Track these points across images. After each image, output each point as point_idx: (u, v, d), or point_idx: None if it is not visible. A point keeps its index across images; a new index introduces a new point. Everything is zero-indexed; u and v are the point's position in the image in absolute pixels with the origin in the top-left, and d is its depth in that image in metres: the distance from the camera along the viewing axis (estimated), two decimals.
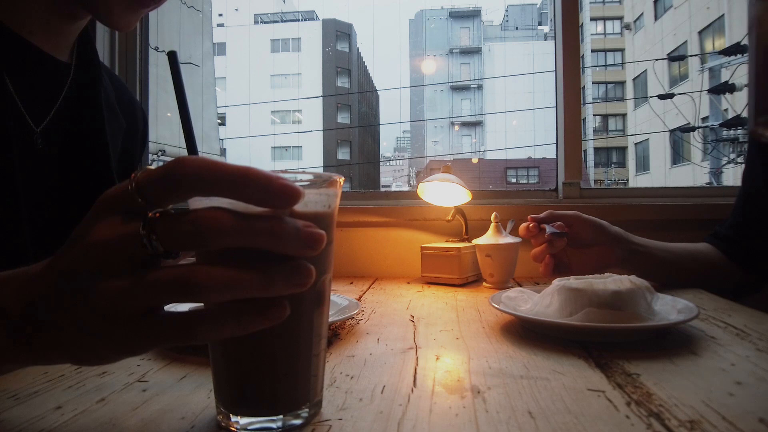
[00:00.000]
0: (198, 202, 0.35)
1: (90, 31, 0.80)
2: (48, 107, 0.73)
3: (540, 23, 34.77)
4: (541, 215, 0.94)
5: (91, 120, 0.77)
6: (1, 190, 0.61)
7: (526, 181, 27.40)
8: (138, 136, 0.94)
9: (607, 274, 0.68)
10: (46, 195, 0.71)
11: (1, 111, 0.63)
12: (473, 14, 35.03)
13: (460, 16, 35.15)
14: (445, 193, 1.24)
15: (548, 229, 0.90)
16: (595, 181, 25.09)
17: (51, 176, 0.72)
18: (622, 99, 24.93)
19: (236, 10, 30.30)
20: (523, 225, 0.94)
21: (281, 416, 0.37)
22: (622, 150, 25.43)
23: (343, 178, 0.40)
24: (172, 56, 0.55)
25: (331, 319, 0.62)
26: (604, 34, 26.27)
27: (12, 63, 0.66)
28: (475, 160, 29.70)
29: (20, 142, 0.66)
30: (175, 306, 0.72)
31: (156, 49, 1.59)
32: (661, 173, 18.64)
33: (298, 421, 0.37)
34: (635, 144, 22.02)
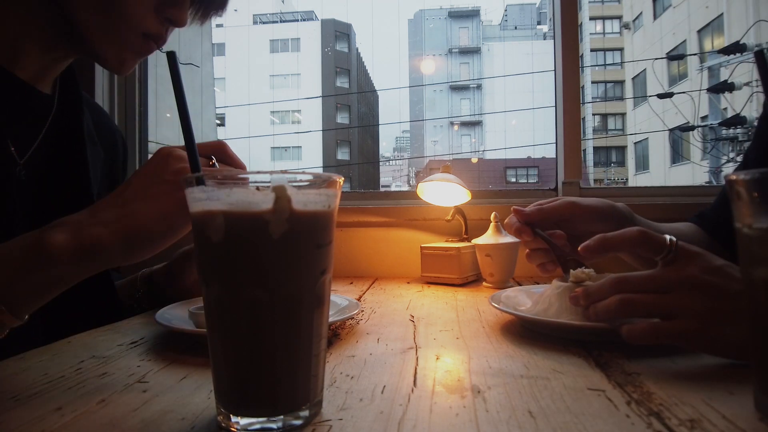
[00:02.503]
0: (196, 205, 0.37)
1: (73, 64, 0.80)
2: (31, 139, 0.73)
3: (539, 23, 34.78)
4: (528, 210, 0.78)
5: (73, 152, 0.77)
6: None
7: (525, 181, 27.41)
8: (119, 164, 0.95)
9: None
10: (28, 226, 0.71)
11: None
12: (472, 14, 35.03)
13: (459, 15, 35.15)
14: (445, 193, 1.24)
15: (551, 247, 0.75)
16: (595, 181, 25.11)
17: (33, 207, 0.72)
18: (622, 98, 24.93)
19: (235, 10, 30.21)
20: (512, 225, 0.79)
21: (281, 416, 0.37)
22: (622, 149, 25.44)
23: (343, 178, 0.40)
24: (172, 57, 0.54)
25: (331, 319, 0.62)
26: (603, 33, 26.28)
27: None
28: (474, 160, 29.71)
29: (3, 174, 0.66)
30: (173, 308, 0.72)
31: (160, 50, 1.59)
32: (661, 172, 18.64)
33: (298, 422, 0.37)
34: (635, 143, 22.02)
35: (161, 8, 0.69)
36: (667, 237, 0.53)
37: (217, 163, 0.60)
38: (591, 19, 25.90)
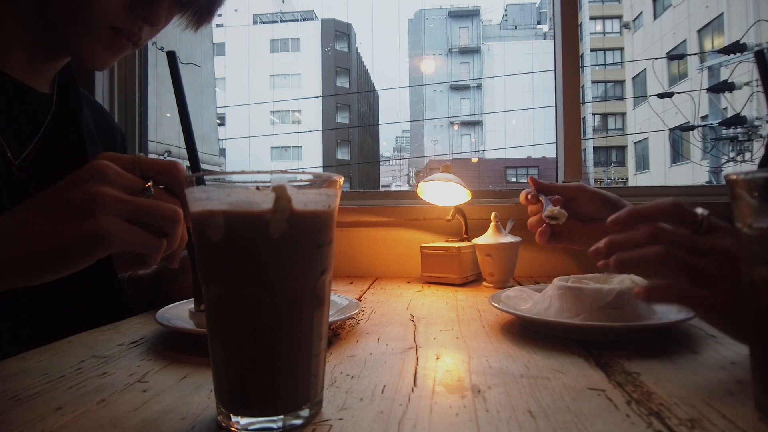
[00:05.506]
0: (196, 205, 0.37)
1: (71, 63, 0.80)
2: (28, 139, 0.72)
3: (539, 22, 34.74)
4: (543, 182, 0.87)
5: (73, 151, 0.77)
6: None
7: (525, 181, 27.34)
8: None
9: (607, 274, 0.68)
10: None
11: None
12: (472, 14, 35.00)
13: (459, 15, 35.11)
14: (445, 193, 1.24)
15: (545, 203, 0.82)
16: (595, 180, 25.09)
17: None
18: (622, 98, 24.90)
19: (235, 10, 30.22)
20: (523, 193, 0.87)
21: (281, 416, 0.37)
22: (622, 149, 25.42)
23: (343, 178, 0.40)
24: (171, 56, 0.54)
25: (331, 319, 0.62)
26: (603, 33, 26.26)
27: None
28: (474, 160, 29.68)
29: None
30: (173, 308, 0.72)
31: (161, 49, 1.59)
32: (661, 172, 18.63)
33: (298, 421, 0.37)
34: (635, 143, 22.00)
35: (133, 5, 0.69)
36: (699, 210, 0.51)
37: (152, 189, 0.52)
38: (591, 18, 25.87)
